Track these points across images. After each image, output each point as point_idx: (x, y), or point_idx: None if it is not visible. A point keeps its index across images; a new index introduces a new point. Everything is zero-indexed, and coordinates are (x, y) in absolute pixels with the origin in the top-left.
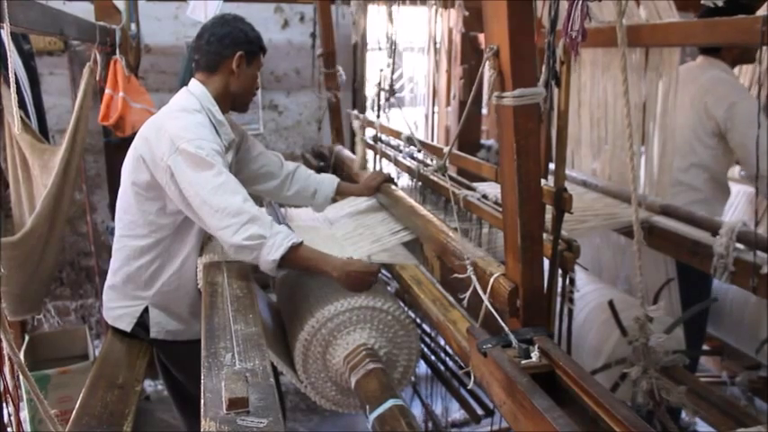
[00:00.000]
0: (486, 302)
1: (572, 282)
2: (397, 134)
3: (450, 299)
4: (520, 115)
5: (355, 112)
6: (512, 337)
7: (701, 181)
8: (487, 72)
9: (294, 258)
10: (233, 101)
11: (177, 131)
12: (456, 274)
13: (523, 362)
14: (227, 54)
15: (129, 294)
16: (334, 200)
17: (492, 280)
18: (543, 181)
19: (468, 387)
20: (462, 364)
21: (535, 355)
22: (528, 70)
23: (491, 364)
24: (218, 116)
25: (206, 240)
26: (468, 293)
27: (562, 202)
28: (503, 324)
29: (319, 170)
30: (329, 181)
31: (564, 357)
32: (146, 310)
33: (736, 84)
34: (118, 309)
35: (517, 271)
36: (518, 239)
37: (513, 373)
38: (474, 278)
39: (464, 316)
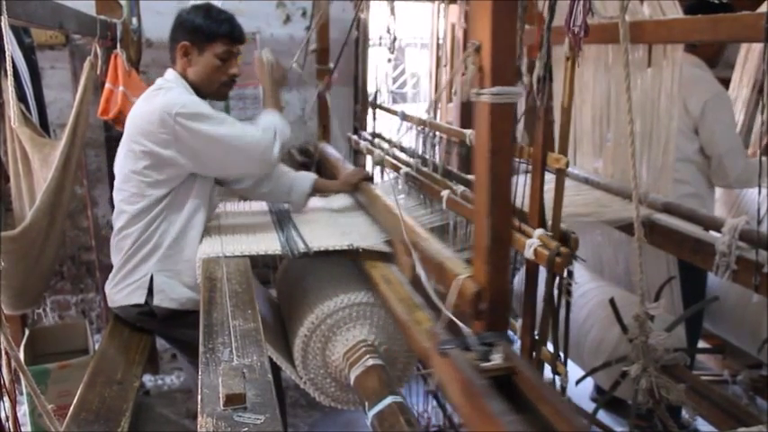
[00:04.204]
0: (442, 306)
1: (570, 275)
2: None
3: (418, 300)
4: (496, 113)
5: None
6: (473, 339)
7: (690, 175)
8: (469, 68)
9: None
10: (200, 89)
11: (164, 103)
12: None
13: (482, 365)
14: (174, 46)
15: (134, 267)
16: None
17: (458, 281)
18: (541, 231)
19: None
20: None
21: (496, 359)
22: (508, 69)
23: (449, 365)
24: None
25: (204, 233)
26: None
27: (556, 265)
28: (464, 326)
29: (301, 166)
30: (305, 178)
31: (524, 364)
32: (150, 292)
33: (712, 81)
34: (127, 287)
35: (483, 273)
36: (486, 241)
37: (471, 376)
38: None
39: (430, 317)
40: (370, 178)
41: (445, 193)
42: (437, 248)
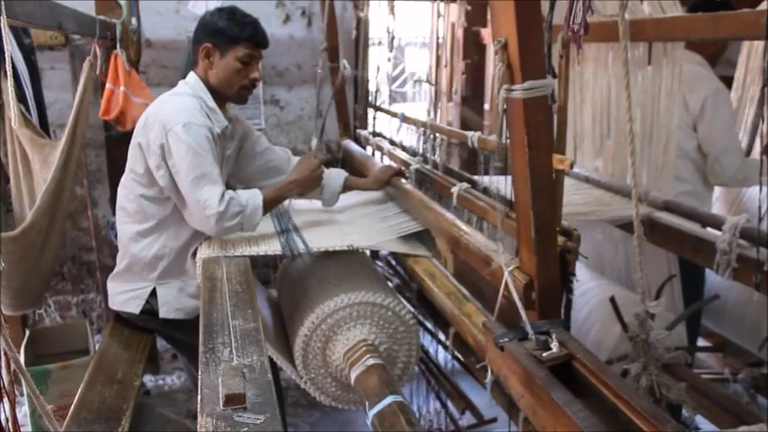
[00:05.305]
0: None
1: (572, 273)
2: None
3: (465, 292)
4: (530, 108)
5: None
6: (529, 329)
7: (688, 173)
8: (495, 65)
9: (269, 206)
10: (219, 92)
11: (168, 115)
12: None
13: (544, 354)
14: (196, 48)
15: (136, 276)
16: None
17: (507, 273)
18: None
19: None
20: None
21: (555, 346)
22: (537, 62)
23: (508, 357)
24: (209, 104)
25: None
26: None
27: (567, 263)
28: (523, 316)
29: (326, 164)
30: (336, 175)
31: (581, 349)
32: (153, 295)
33: (712, 78)
34: (125, 293)
35: (532, 264)
36: (532, 232)
37: (531, 367)
38: (509, 281)
39: (479, 309)
40: (402, 174)
41: (455, 189)
42: (481, 241)
